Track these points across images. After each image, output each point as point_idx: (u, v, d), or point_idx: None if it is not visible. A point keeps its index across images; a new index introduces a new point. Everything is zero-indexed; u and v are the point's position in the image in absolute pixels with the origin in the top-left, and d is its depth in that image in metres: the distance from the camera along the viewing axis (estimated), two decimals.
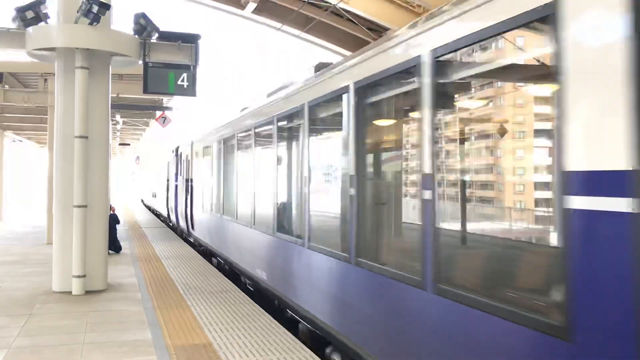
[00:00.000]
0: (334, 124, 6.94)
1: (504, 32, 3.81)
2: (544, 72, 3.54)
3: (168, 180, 24.83)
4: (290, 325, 8.13)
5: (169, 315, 8.33)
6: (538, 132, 4.00)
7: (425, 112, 4.64)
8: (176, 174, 22.03)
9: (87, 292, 9.86)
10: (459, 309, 4.11)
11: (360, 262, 5.80)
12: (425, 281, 4.58)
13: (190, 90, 10.74)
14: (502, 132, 4.27)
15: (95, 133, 10.12)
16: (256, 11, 23.28)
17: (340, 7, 20.08)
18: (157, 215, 32.76)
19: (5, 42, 10.05)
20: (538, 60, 3.89)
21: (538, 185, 4.06)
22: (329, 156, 7.43)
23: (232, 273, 12.29)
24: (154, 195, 34.37)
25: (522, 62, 4.21)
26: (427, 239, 4.58)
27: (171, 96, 17.68)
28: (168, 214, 25.12)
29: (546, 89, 3.79)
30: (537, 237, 4.14)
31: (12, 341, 7.00)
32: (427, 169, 4.63)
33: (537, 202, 3.99)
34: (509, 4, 3.70)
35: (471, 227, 4.70)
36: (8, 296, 9.64)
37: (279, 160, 9.11)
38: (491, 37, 3.93)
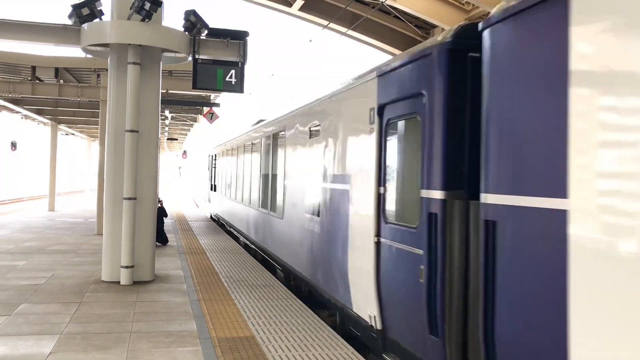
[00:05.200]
0: None
1: None
2: None
3: None
4: None
5: (213, 307, 8.47)
6: None
7: None
8: None
9: (135, 283, 10.11)
10: None
11: None
12: None
13: (237, 87, 10.87)
14: None
15: (146, 127, 10.36)
16: (303, 8, 23.36)
17: (387, 5, 19.96)
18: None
19: (62, 38, 10.38)
20: None
21: None
22: None
23: None
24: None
25: None
26: None
27: (219, 92, 17.93)
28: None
29: None
30: None
31: (63, 327, 7.25)
32: None
33: None
34: None
35: None
36: (60, 284, 9.96)
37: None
38: None
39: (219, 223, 23.86)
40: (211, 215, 27.08)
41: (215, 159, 25.56)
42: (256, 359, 6.16)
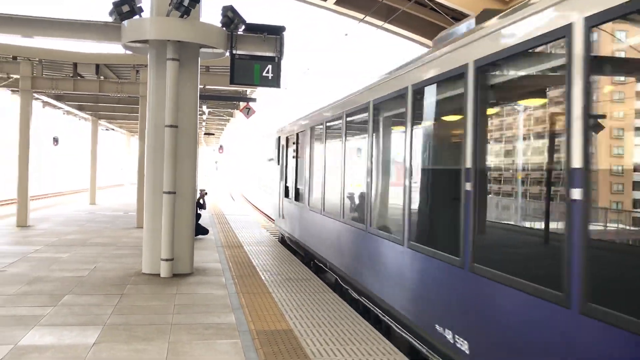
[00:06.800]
0: None
1: None
2: None
3: None
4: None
5: (251, 300, 8.56)
6: None
7: None
8: None
9: (175, 275, 10.28)
10: None
11: None
12: None
13: (274, 82, 10.91)
14: None
15: (185, 122, 10.50)
16: (339, 2, 23.31)
17: None
18: None
19: (103, 35, 10.59)
20: None
21: None
22: None
23: None
24: None
25: None
26: None
27: (255, 87, 18.03)
28: None
29: None
30: None
31: (106, 319, 7.42)
32: None
33: None
34: None
35: None
36: (102, 276, 10.20)
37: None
38: None
39: (305, 258, 13.51)
40: (283, 237, 16.82)
41: (298, 143, 14.80)
42: (294, 352, 6.21)
